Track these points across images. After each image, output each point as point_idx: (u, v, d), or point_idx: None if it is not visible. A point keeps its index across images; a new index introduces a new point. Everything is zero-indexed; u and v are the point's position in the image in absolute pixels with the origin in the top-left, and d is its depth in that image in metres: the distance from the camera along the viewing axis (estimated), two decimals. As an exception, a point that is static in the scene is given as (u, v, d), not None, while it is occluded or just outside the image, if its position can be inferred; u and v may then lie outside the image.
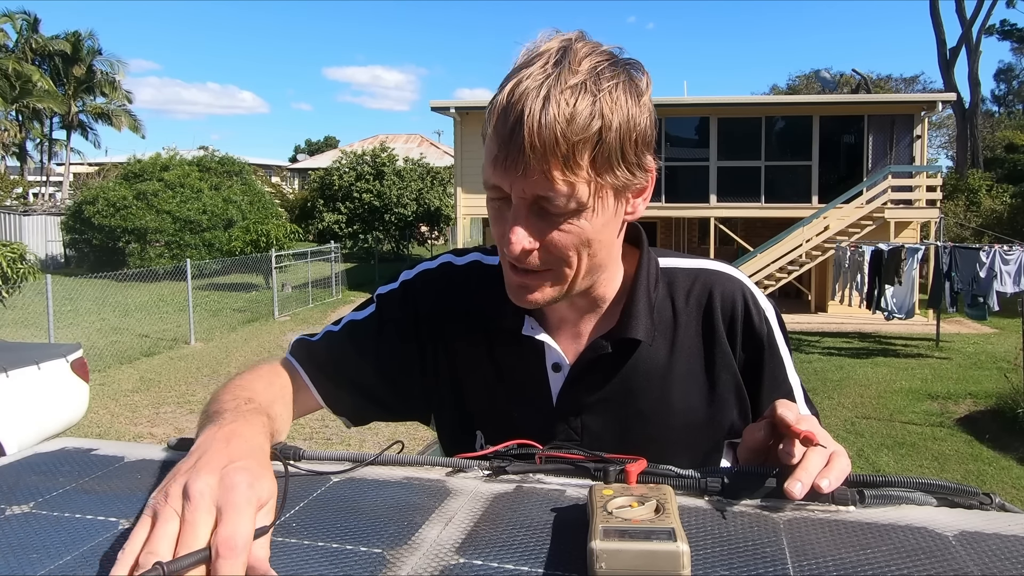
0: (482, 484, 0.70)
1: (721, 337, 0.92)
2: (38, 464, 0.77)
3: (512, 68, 0.78)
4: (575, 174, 0.75)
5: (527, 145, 0.73)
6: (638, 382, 0.91)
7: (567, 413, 0.92)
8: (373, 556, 0.56)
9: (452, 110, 15.90)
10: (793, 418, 0.69)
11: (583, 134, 0.74)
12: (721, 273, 0.95)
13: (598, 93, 0.74)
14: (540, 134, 0.73)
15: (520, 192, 0.77)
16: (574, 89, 0.74)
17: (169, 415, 7.49)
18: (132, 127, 33.14)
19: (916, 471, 5.87)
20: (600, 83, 0.75)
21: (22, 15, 30.45)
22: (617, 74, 0.77)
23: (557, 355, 0.92)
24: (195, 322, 11.72)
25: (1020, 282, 9.98)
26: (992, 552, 0.55)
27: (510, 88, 0.75)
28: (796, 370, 0.97)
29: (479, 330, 0.95)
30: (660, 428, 0.91)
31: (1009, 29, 30.64)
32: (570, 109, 0.73)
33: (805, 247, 13.64)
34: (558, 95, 0.73)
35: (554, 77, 0.74)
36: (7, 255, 10.50)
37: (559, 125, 0.73)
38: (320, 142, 63.59)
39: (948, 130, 36.33)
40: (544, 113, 0.73)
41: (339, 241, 21.33)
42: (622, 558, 0.51)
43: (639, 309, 0.90)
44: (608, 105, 0.75)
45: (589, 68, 0.75)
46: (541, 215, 0.79)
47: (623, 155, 0.77)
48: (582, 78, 0.74)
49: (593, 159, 0.76)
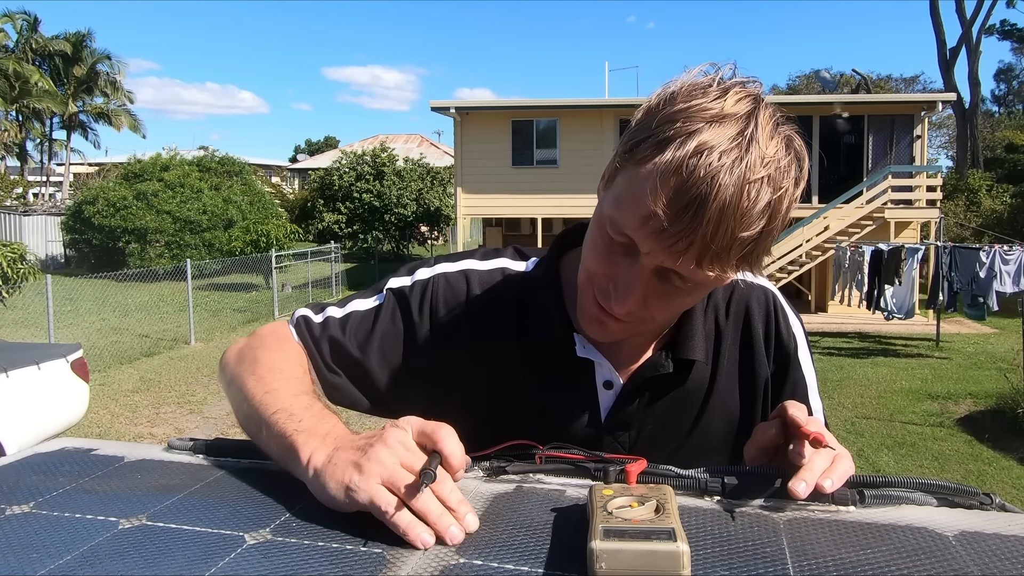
0: (482, 484, 0.70)
1: (760, 351, 0.93)
2: (38, 464, 0.77)
3: (683, 107, 0.69)
4: (721, 268, 0.71)
5: (699, 235, 0.68)
6: (688, 397, 0.91)
7: (615, 430, 0.91)
8: (373, 556, 0.56)
9: (452, 110, 15.91)
10: (803, 419, 0.70)
11: (751, 235, 0.69)
12: (756, 285, 0.95)
13: (781, 187, 0.69)
14: (717, 230, 0.67)
15: (658, 260, 0.72)
16: (762, 182, 0.67)
17: (169, 415, 7.49)
18: (132, 127, 33.15)
19: (916, 471, 5.87)
20: (788, 173, 0.70)
21: (22, 15, 30.47)
22: (791, 160, 0.71)
23: (609, 373, 0.90)
24: (195, 322, 11.71)
25: (1020, 282, 9.98)
26: (992, 552, 0.55)
27: (694, 148, 0.67)
28: (820, 396, 0.97)
29: (514, 342, 0.91)
30: (702, 437, 0.92)
31: (1009, 29, 30.65)
32: (753, 206, 0.67)
33: (805, 247, 13.65)
34: (748, 186, 0.67)
35: (745, 152, 0.67)
36: (7, 255, 10.50)
37: (739, 226, 0.68)
38: (320, 142, 63.60)
39: (948, 130, 36.35)
40: (728, 207, 0.67)
41: (339, 241, 21.34)
42: (622, 558, 0.51)
43: (695, 329, 0.89)
44: (785, 204, 0.70)
45: (778, 146, 0.69)
46: (661, 280, 0.75)
47: (760, 255, 0.74)
48: (772, 160, 0.68)
49: (742, 257, 0.72)
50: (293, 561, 0.55)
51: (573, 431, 0.90)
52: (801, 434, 0.69)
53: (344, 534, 0.60)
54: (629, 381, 0.89)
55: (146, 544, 0.58)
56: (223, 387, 0.93)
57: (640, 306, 0.77)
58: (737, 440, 0.92)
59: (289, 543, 0.58)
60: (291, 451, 0.69)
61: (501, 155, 16.49)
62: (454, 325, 0.93)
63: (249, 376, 0.84)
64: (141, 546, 0.58)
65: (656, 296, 0.76)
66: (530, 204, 16.10)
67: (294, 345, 0.93)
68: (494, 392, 0.92)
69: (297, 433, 0.70)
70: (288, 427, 0.72)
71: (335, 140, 61.60)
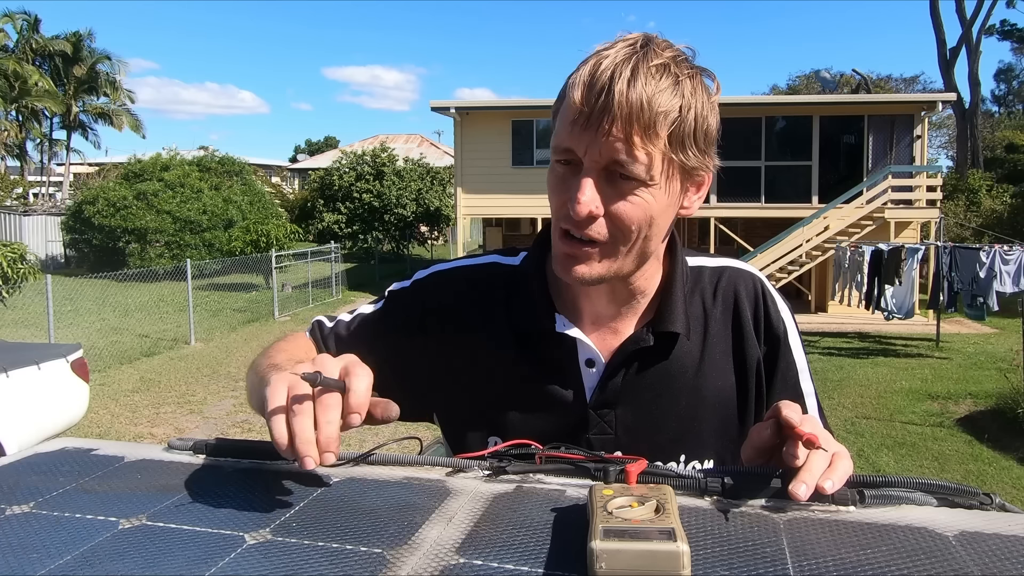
0: (482, 484, 0.70)
1: (749, 332, 0.95)
2: (38, 464, 0.77)
3: (591, 53, 0.83)
4: (653, 144, 0.79)
5: (615, 106, 0.77)
6: (672, 375, 0.93)
7: (601, 410, 0.93)
8: (373, 556, 0.56)
9: (452, 110, 15.90)
10: (797, 420, 0.69)
11: (666, 107, 0.79)
12: (744, 271, 0.99)
13: (680, 76, 0.80)
14: (629, 99, 0.77)
15: (596, 155, 0.80)
16: (659, 68, 0.79)
17: (169, 415, 7.49)
18: (133, 127, 33.16)
19: (916, 471, 5.87)
20: (682, 69, 0.81)
21: (22, 15, 30.46)
22: (694, 69, 0.83)
23: (591, 351, 0.93)
24: (195, 322, 11.71)
25: (1020, 282, 9.98)
26: (992, 552, 0.55)
27: (595, 61, 0.80)
28: (813, 381, 0.99)
29: (504, 328, 0.95)
30: (692, 420, 0.93)
31: (1009, 29, 30.64)
32: (656, 82, 0.78)
33: (805, 247, 13.65)
34: (645, 70, 0.78)
35: (640, 55, 0.79)
36: (7, 255, 10.50)
37: (646, 94, 0.78)
38: (320, 142, 63.59)
39: (948, 130, 36.33)
40: (633, 81, 0.78)
41: (339, 241, 21.32)
42: (622, 558, 0.51)
43: (676, 303, 0.92)
44: (688, 88, 0.80)
45: (671, 56, 0.81)
46: (611, 182, 0.81)
47: (695, 138, 0.82)
48: (666, 60, 0.80)
49: (671, 134, 0.80)
50: (293, 561, 0.55)
51: (559, 411, 0.93)
52: (795, 435, 0.69)
53: (344, 534, 0.60)
54: (612, 357, 0.92)
55: (146, 544, 0.58)
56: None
57: (599, 211, 0.82)
58: (731, 426, 0.94)
59: (289, 543, 0.58)
60: (263, 385, 0.74)
61: (501, 155, 16.48)
62: (448, 318, 0.98)
63: (260, 358, 0.94)
64: (141, 546, 0.58)
65: (613, 201, 0.82)
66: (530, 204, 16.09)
67: (306, 340, 1.03)
68: (487, 380, 0.96)
69: (272, 369, 0.82)
70: (269, 372, 0.81)
71: (335, 140, 61.61)
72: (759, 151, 15.16)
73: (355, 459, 0.76)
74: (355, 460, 0.76)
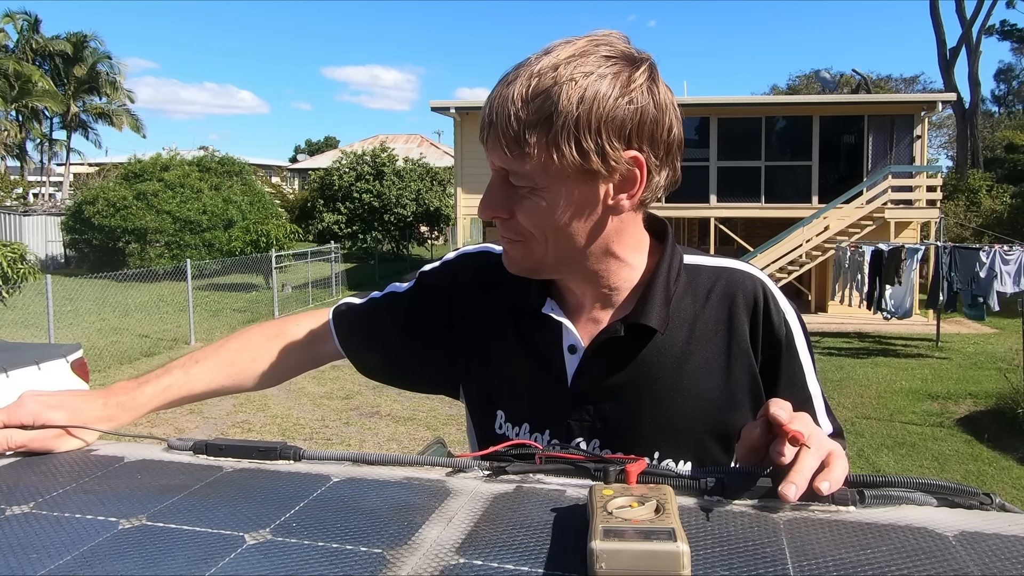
0: (482, 484, 0.70)
1: (743, 335, 0.93)
2: (38, 464, 0.77)
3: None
4: (523, 151, 0.82)
5: (486, 118, 0.84)
6: (651, 370, 0.93)
7: (581, 396, 0.94)
8: (373, 556, 0.56)
9: (452, 110, 15.89)
10: (785, 417, 0.68)
11: (534, 116, 0.80)
12: (744, 274, 0.97)
13: (562, 80, 0.79)
14: (497, 111, 0.82)
15: (491, 163, 0.87)
16: (537, 74, 0.80)
17: (169, 415, 7.48)
18: (133, 127, 33.16)
19: (916, 471, 5.87)
20: (574, 71, 0.80)
21: (23, 15, 30.46)
22: (603, 65, 0.81)
23: (573, 337, 0.95)
24: (195, 322, 11.71)
25: (1020, 282, 9.97)
26: (992, 552, 0.55)
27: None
28: (819, 380, 0.98)
29: (508, 306, 1.00)
30: (670, 417, 0.93)
31: (1009, 29, 30.62)
32: (526, 91, 0.80)
33: (805, 247, 13.64)
34: (524, 79, 0.81)
35: (531, 62, 0.82)
36: (7, 255, 10.50)
37: (513, 105, 0.81)
38: (320, 142, 63.59)
39: (948, 130, 36.32)
40: (506, 93, 0.81)
41: (339, 241, 21.33)
42: (622, 558, 0.51)
43: (655, 299, 0.92)
44: (568, 91, 0.79)
45: (569, 56, 0.81)
46: (510, 187, 0.87)
47: (588, 139, 0.81)
48: (553, 63, 0.80)
49: (545, 142, 0.81)
50: (293, 561, 0.55)
51: (545, 393, 0.96)
52: (782, 432, 0.68)
53: (344, 534, 0.60)
54: (589, 345, 0.95)
55: (146, 544, 0.58)
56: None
57: (497, 212, 0.88)
58: (714, 429, 0.93)
59: (289, 543, 0.58)
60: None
61: (501, 155, 16.45)
62: (468, 298, 1.04)
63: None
64: (141, 546, 0.58)
65: (513, 204, 0.87)
66: (530, 204, 16.05)
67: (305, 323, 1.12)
68: (492, 358, 1.01)
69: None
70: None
71: (335, 140, 61.63)
72: (759, 151, 15.15)
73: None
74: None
